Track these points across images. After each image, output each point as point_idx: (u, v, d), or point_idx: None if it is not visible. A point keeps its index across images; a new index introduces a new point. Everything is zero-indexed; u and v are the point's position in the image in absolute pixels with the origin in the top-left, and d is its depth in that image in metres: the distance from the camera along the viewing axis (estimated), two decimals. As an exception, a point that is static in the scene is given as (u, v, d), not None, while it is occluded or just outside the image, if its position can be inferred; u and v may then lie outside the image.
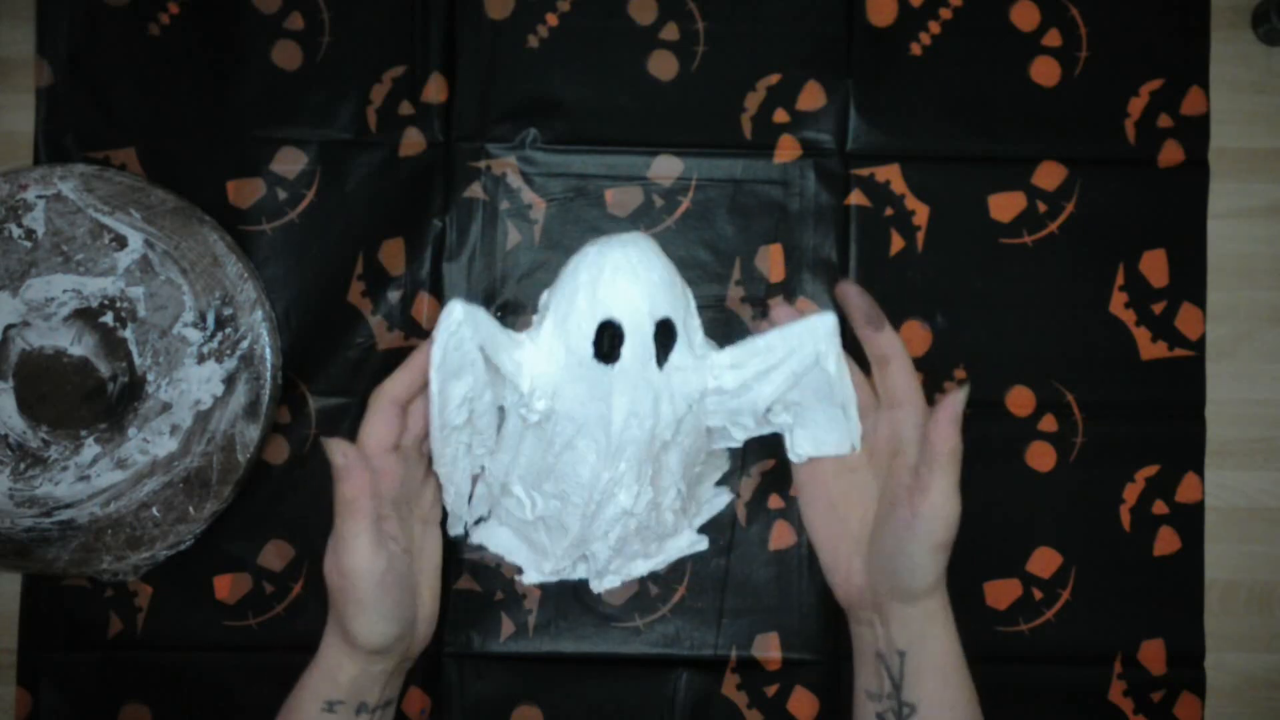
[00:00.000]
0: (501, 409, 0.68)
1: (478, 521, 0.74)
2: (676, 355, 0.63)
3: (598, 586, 0.74)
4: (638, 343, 0.63)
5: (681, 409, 0.65)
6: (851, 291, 0.67)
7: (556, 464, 0.66)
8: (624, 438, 0.64)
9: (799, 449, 0.69)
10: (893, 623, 0.64)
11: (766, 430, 0.71)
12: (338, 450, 0.61)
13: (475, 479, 0.72)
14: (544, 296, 0.65)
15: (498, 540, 0.74)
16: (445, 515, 0.72)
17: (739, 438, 0.71)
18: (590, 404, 0.64)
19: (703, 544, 0.76)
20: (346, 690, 0.62)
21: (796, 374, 0.65)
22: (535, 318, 0.66)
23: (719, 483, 0.77)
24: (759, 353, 0.65)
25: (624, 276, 0.61)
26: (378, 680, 0.63)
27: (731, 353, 0.65)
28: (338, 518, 0.62)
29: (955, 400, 0.62)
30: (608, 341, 0.62)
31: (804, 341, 0.64)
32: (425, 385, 0.63)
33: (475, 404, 0.65)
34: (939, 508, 0.62)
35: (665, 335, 0.63)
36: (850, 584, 0.67)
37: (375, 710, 0.64)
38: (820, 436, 0.68)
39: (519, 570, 0.72)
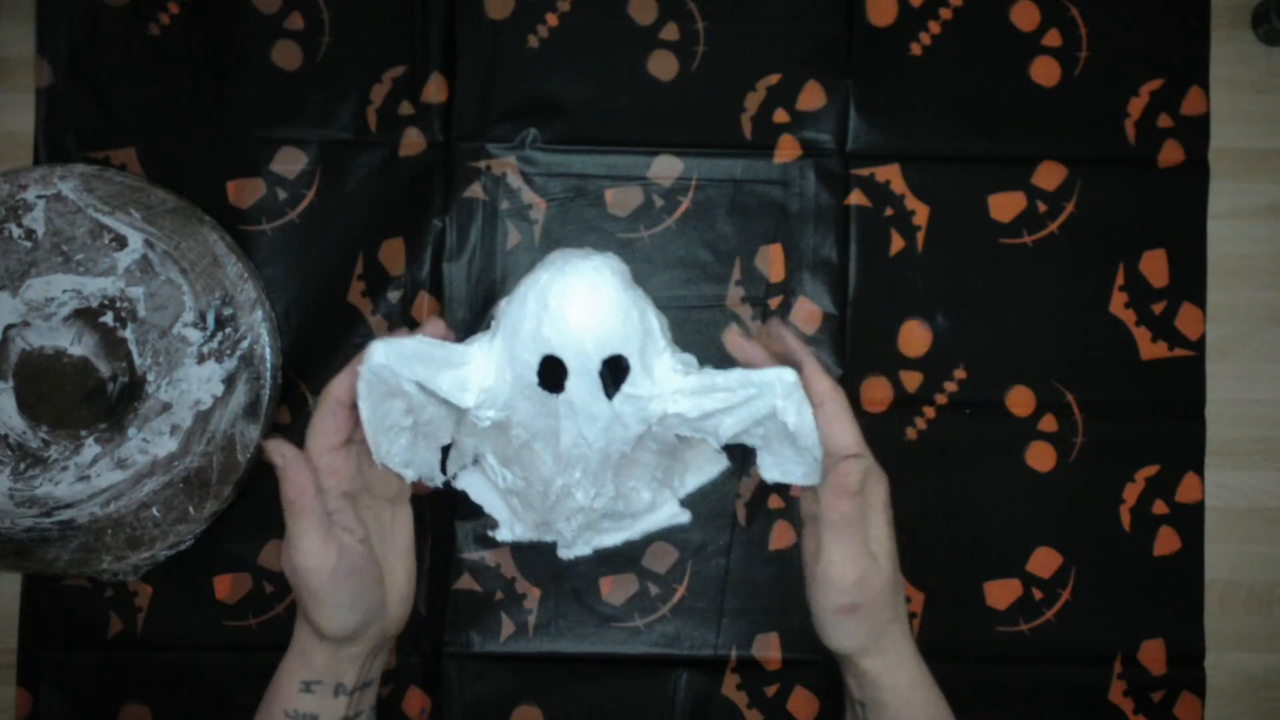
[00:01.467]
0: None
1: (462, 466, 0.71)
2: (629, 386, 0.61)
3: (566, 554, 0.69)
4: (582, 378, 0.61)
5: (638, 429, 0.63)
6: (768, 327, 0.66)
7: (517, 456, 0.65)
8: (574, 454, 0.63)
9: (766, 473, 0.65)
10: (846, 674, 0.63)
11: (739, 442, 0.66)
12: (276, 451, 0.60)
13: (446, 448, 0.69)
14: (501, 304, 0.63)
15: (478, 490, 0.70)
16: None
17: (714, 445, 0.66)
18: (540, 420, 0.62)
19: (684, 517, 0.70)
20: (321, 672, 0.62)
21: (755, 419, 0.62)
22: (492, 324, 0.63)
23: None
24: (720, 389, 0.62)
25: (571, 312, 0.59)
26: (353, 662, 0.62)
27: (695, 380, 0.62)
28: (285, 517, 0.60)
29: (848, 468, 0.59)
30: (551, 376, 0.61)
31: (763, 392, 0.61)
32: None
33: (418, 415, 0.63)
34: (831, 573, 0.59)
35: (614, 370, 0.61)
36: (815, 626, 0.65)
37: (354, 691, 0.63)
38: (786, 468, 0.64)
39: (495, 524, 0.70)
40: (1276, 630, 0.80)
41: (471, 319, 0.79)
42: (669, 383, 0.61)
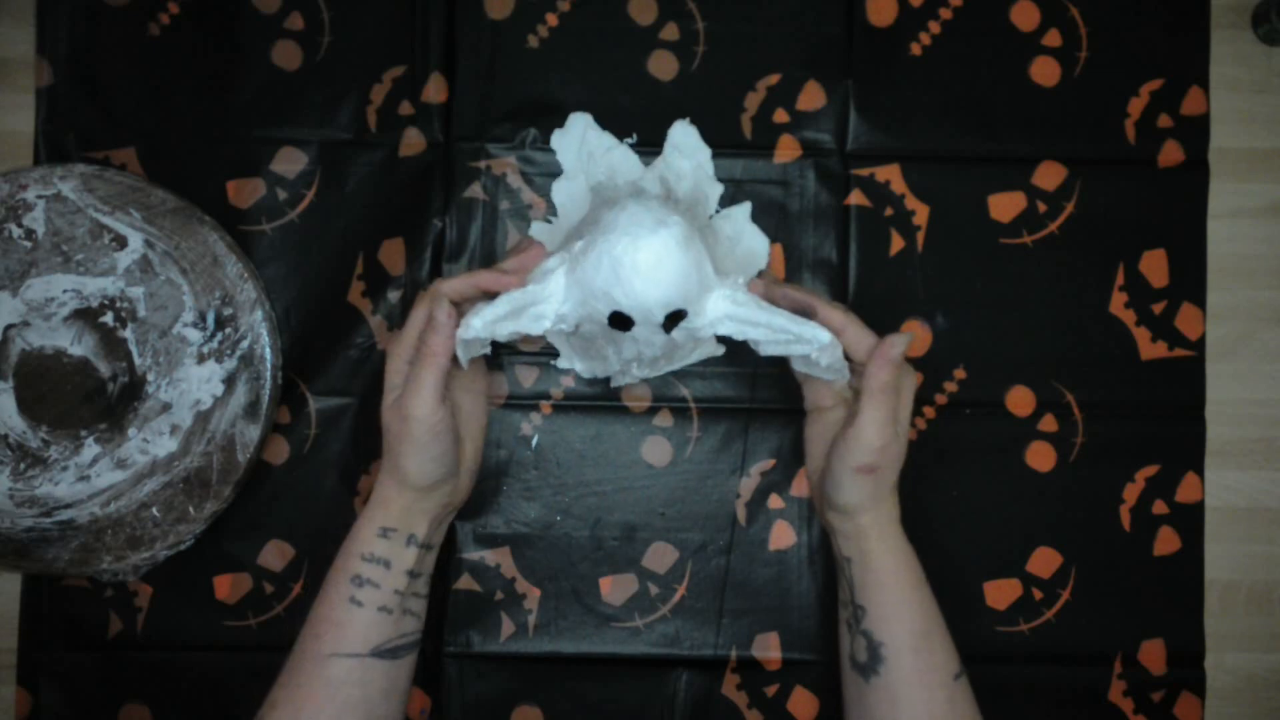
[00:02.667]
0: None
1: None
2: (685, 322, 0.69)
3: (618, 383, 0.79)
4: (647, 325, 0.69)
5: (688, 344, 0.74)
6: (765, 288, 0.73)
7: (583, 335, 0.74)
8: (632, 361, 0.74)
9: (795, 366, 0.75)
10: (837, 533, 0.72)
11: None
12: (442, 307, 0.67)
13: None
14: (578, 246, 0.68)
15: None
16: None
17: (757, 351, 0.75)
18: (606, 334, 0.71)
19: (720, 350, 0.79)
20: (398, 519, 0.69)
21: (790, 352, 0.71)
22: (566, 255, 0.69)
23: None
24: (762, 325, 0.70)
25: (641, 284, 0.67)
26: (426, 514, 0.70)
27: (743, 312, 0.69)
28: (416, 365, 0.67)
29: (894, 341, 0.69)
30: (619, 321, 0.69)
31: (801, 340, 0.69)
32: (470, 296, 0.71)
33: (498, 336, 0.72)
34: (863, 434, 0.69)
35: (674, 317, 0.69)
36: (816, 494, 0.75)
37: (422, 547, 0.70)
38: (812, 369, 0.73)
39: (556, 353, 0.79)
40: (1277, 630, 0.80)
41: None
42: (718, 311, 0.70)
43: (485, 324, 0.68)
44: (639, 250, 0.66)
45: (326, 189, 0.79)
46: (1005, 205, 0.80)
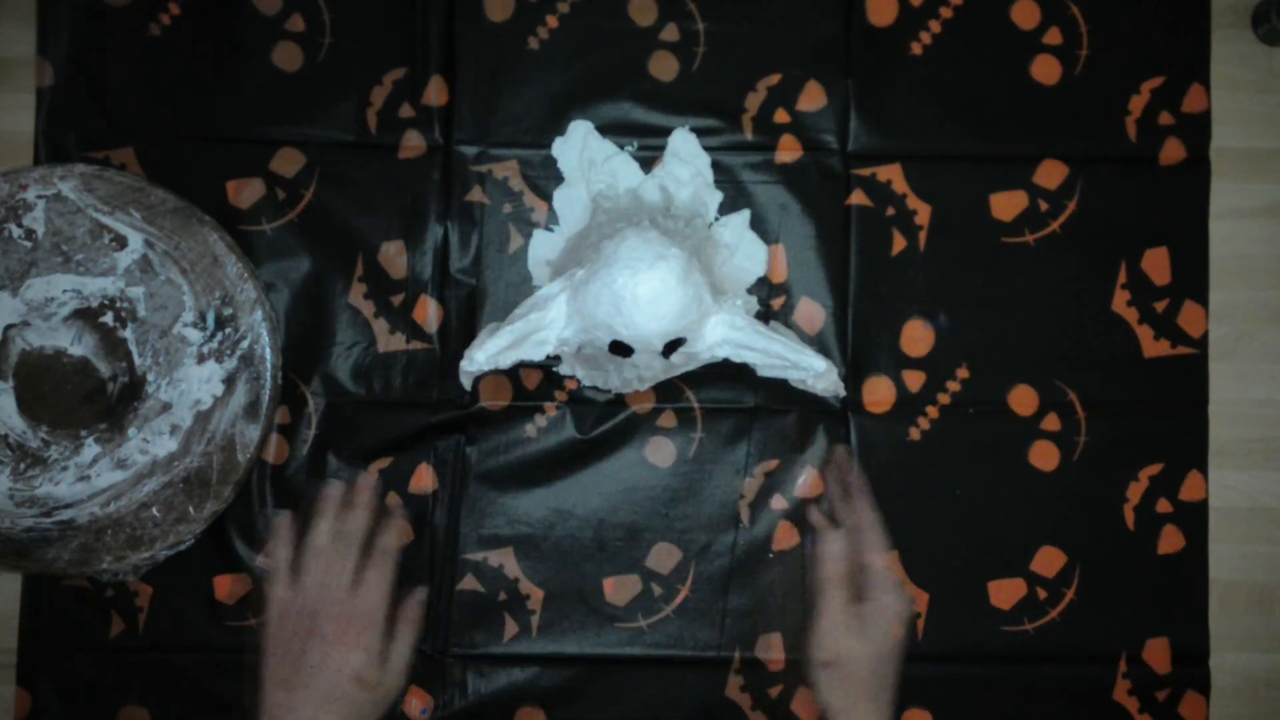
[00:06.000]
0: None
1: None
2: (684, 347, 0.70)
3: (620, 391, 0.79)
4: (647, 352, 0.70)
5: (686, 363, 0.75)
6: (841, 460, 0.78)
7: (586, 350, 0.74)
8: (633, 379, 0.76)
9: (792, 381, 0.77)
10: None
11: None
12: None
13: None
14: (580, 274, 0.70)
15: None
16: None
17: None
18: (605, 357, 0.73)
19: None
20: None
21: (788, 377, 0.74)
22: (567, 281, 0.70)
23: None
24: (759, 350, 0.72)
25: (640, 318, 0.69)
26: None
27: (740, 336, 0.71)
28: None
29: None
30: (619, 348, 0.71)
31: (797, 367, 0.73)
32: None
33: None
34: None
35: (673, 344, 0.70)
36: None
37: None
38: (809, 387, 0.76)
39: (557, 359, 0.78)
40: (1278, 630, 0.80)
41: (473, 322, 0.79)
42: (716, 335, 0.72)
43: (489, 356, 0.70)
44: (639, 285, 0.68)
45: (326, 189, 0.79)
46: (1007, 204, 0.80)
